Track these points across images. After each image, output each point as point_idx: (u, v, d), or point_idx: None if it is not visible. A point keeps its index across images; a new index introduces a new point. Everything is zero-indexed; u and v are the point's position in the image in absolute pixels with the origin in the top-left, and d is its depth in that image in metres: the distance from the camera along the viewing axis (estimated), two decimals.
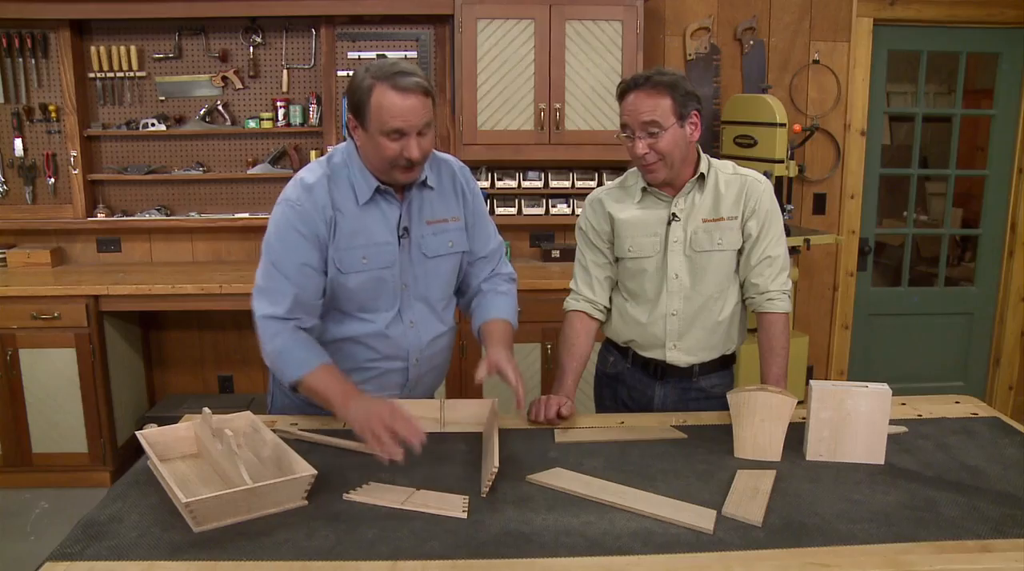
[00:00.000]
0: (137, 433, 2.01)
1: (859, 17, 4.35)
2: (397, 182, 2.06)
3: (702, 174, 2.28)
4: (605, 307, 2.45)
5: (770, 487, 1.85)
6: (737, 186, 2.30)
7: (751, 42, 4.34)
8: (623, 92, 2.20)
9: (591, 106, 4.06)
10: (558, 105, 4.03)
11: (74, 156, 4.23)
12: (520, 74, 4.02)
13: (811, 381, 2.02)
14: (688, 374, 2.40)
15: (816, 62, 4.39)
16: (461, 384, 3.97)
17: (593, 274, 2.43)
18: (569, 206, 4.30)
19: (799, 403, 2.05)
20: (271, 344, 2.06)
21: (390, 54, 4.24)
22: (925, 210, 5.85)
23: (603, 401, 2.62)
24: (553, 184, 4.28)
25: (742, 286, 2.37)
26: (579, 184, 4.27)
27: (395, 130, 1.94)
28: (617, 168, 4.26)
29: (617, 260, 2.40)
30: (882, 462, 1.99)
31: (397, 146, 1.96)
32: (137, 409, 4.35)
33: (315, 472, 1.75)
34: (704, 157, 2.31)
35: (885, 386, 2.00)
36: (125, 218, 4.35)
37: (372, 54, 4.23)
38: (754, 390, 2.02)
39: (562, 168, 4.30)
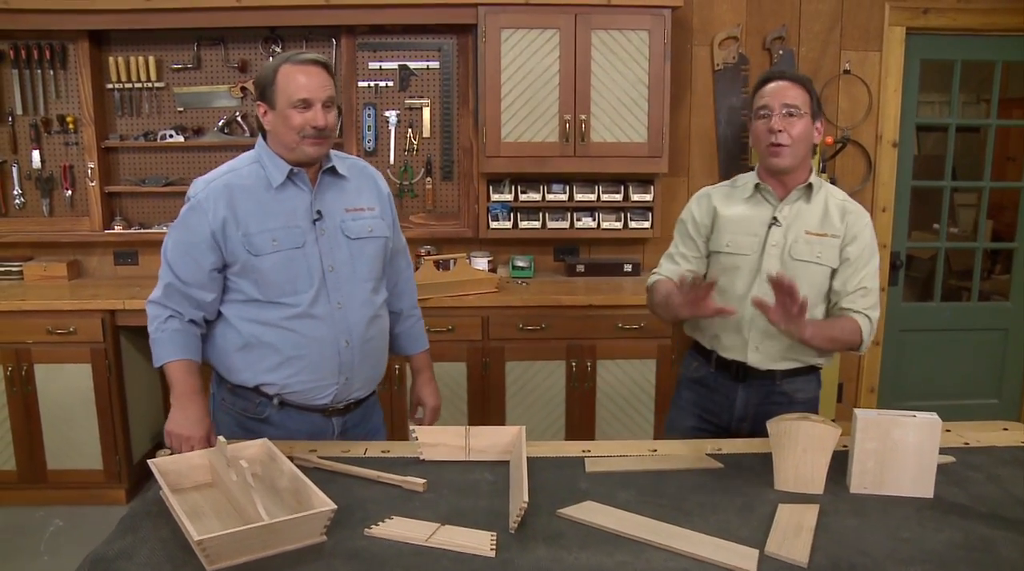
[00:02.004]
0: (149, 462, 1.94)
1: (891, 26, 4.24)
2: (307, 156, 2.15)
3: (810, 184, 2.36)
4: None
5: (814, 523, 1.75)
6: (845, 210, 2.37)
7: (780, 52, 4.24)
8: (765, 81, 2.32)
9: (617, 117, 3.97)
10: (583, 116, 3.95)
11: (91, 168, 4.19)
12: (544, 84, 3.93)
13: (856, 410, 1.92)
14: (771, 377, 2.39)
15: (847, 72, 4.28)
16: (484, 404, 3.88)
17: (681, 265, 2.48)
18: (594, 220, 4.20)
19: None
20: (149, 327, 2.20)
21: (412, 64, 4.17)
22: (954, 222, 5.72)
23: (682, 405, 2.58)
24: (578, 197, 4.18)
25: (830, 310, 2.39)
26: (604, 197, 4.18)
27: (301, 100, 2.09)
28: (644, 181, 4.17)
29: (711, 254, 2.45)
30: (931, 495, 1.89)
31: (303, 117, 2.10)
32: (154, 425, 4.29)
33: (334, 507, 1.67)
34: (815, 172, 2.40)
35: (935, 416, 1.90)
36: (142, 230, 4.30)
37: (394, 64, 4.16)
38: (796, 419, 1.92)
39: (587, 181, 4.20)
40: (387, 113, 4.19)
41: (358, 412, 2.37)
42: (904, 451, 1.88)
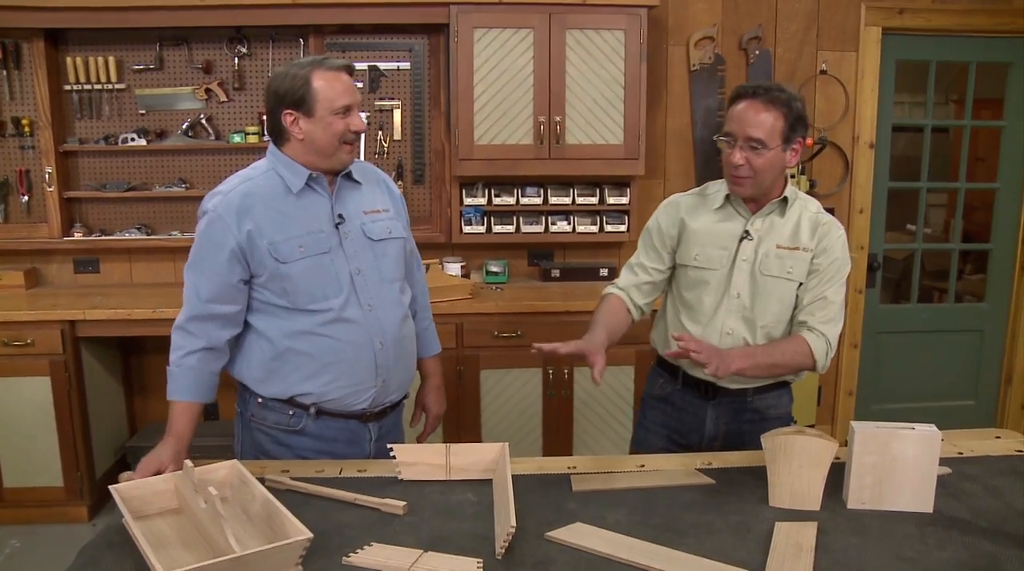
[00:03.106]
0: (111, 488, 1.82)
1: (867, 26, 4.21)
2: (343, 163, 2.16)
3: (785, 198, 2.25)
4: (640, 310, 2.40)
5: (813, 542, 1.69)
6: (817, 222, 2.26)
7: (756, 52, 4.19)
8: (736, 97, 2.17)
9: (593, 119, 3.89)
10: (558, 118, 3.86)
11: (49, 173, 4.02)
12: (518, 86, 3.84)
13: (853, 423, 1.86)
14: (742, 394, 2.30)
15: (824, 72, 4.24)
16: (458, 414, 3.78)
17: (640, 277, 2.39)
18: (569, 223, 4.12)
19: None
20: (171, 356, 2.15)
21: (382, 65, 4.06)
22: (925, 222, 5.71)
23: (648, 425, 2.48)
24: (553, 200, 4.10)
25: (790, 322, 2.29)
26: (580, 200, 4.10)
27: (344, 106, 2.08)
28: (620, 184, 4.10)
29: (678, 267, 2.35)
30: (931, 510, 1.83)
31: (345, 122, 2.09)
32: (117, 439, 4.14)
33: (310, 535, 1.57)
34: (791, 184, 2.28)
35: (934, 428, 1.84)
36: (103, 237, 4.14)
37: (363, 65, 4.05)
38: (791, 433, 1.85)
39: (562, 184, 4.12)
40: None
41: (393, 416, 2.34)
42: (903, 465, 1.82)
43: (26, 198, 4.09)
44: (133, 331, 3.76)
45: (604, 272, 4.21)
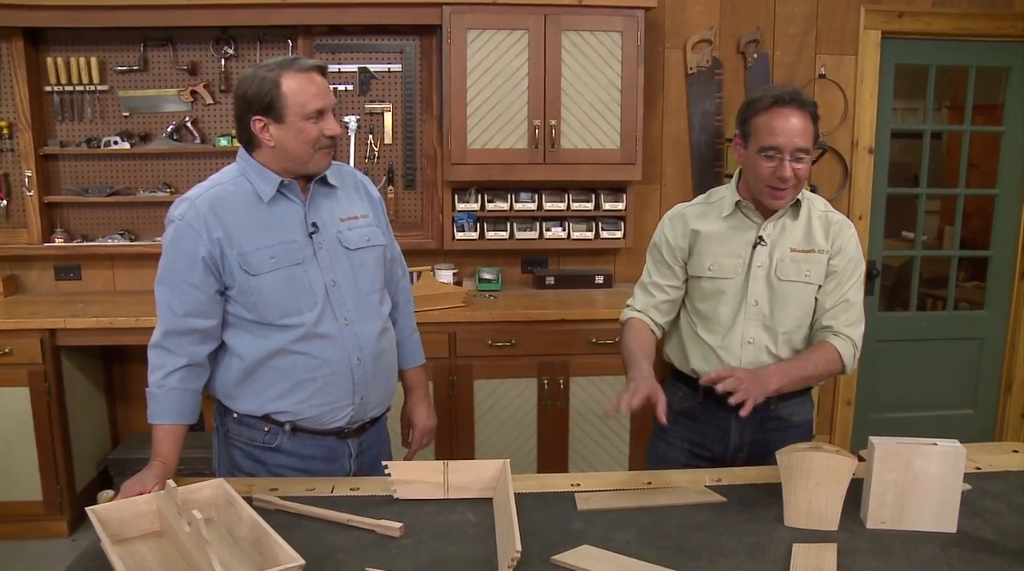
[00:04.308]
0: (88, 510, 1.71)
1: (867, 30, 4.15)
2: (318, 168, 2.04)
3: (797, 200, 2.19)
4: (661, 329, 2.32)
5: (835, 566, 1.60)
6: (828, 221, 2.22)
7: (755, 55, 4.12)
8: (774, 104, 2.06)
9: (588, 123, 3.80)
10: (553, 122, 3.78)
11: (29, 176, 3.90)
12: (513, 88, 3.75)
13: (872, 438, 1.77)
14: (765, 402, 2.17)
15: (822, 76, 4.18)
16: (451, 425, 3.68)
17: (657, 297, 2.29)
18: (564, 229, 4.03)
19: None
20: (149, 376, 2.05)
21: (372, 67, 3.96)
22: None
23: (670, 440, 2.36)
24: (547, 206, 4.00)
25: (812, 328, 2.24)
26: (575, 206, 4.01)
27: (316, 110, 1.96)
28: (616, 189, 4.01)
29: (690, 280, 2.27)
30: (954, 530, 1.74)
31: (318, 127, 1.98)
32: (99, 450, 4.02)
33: (302, 562, 1.47)
34: None
35: (957, 443, 1.75)
36: (85, 243, 4.02)
37: (353, 67, 3.95)
38: (808, 449, 1.76)
39: (557, 189, 4.03)
40: (346, 118, 3.96)
41: (373, 432, 2.22)
42: (926, 482, 1.73)
43: (4, 203, 3.97)
44: (115, 340, 3.65)
45: (600, 279, 4.12)
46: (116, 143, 3.93)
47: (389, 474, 1.90)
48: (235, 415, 2.10)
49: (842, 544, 1.69)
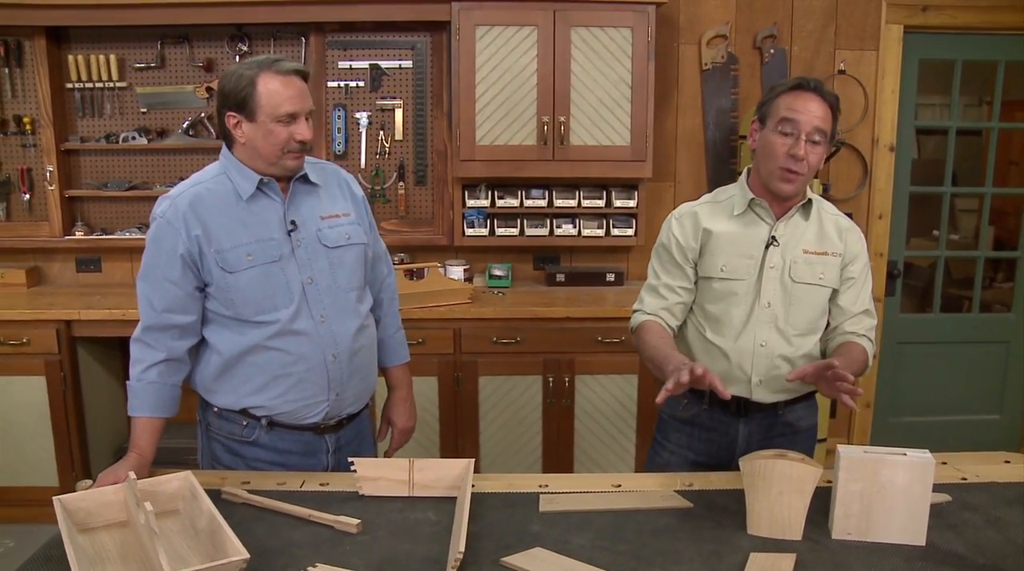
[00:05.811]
0: (54, 499, 1.75)
1: (888, 24, 4.04)
2: (287, 170, 2.05)
3: (809, 200, 2.17)
4: (673, 333, 2.24)
5: None
6: (840, 227, 2.21)
7: (772, 51, 4.05)
8: (798, 87, 2.06)
9: (598, 119, 3.77)
10: (563, 118, 3.75)
11: (50, 171, 3.99)
12: (522, 85, 3.74)
13: (839, 447, 1.73)
14: (773, 408, 2.19)
15: (842, 72, 4.08)
16: (456, 421, 3.69)
17: (669, 299, 2.23)
18: (575, 226, 4.00)
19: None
20: (131, 370, 2.07)
21: (384, 63, 3.98)
22: (955, 228, 5.52)
23: (672, 448, 2.32)
24: (558, 203, 3.98)
25: (827, 332, 2.23)
26: (585, 203, 3.98)
27: (288, 114, 1.97)
28: (628, 186, 3.98)
29: (701, 280, 2.22)
30: (923, 543, 1.69)
31: (288, 131, 1.98)
32: (116, 439, 4.10)
33: (246, 556, 1.48)
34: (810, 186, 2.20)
35: (927, 453, 1.71)
36: (105, 236, 4.10)
37: (365, 63, 3.97)
38: (771, 457, 1.73)
39: (567, 186, 4.00)
40: (358, 114, 4.00)
41: (351, 427, 2.24)
42: (893, 493, 1.69)
43: (27, 196, 4.06)
44: (129, 331, 3.67)
45: (611, 277, 4.09)
46: (134, 139, 4.01)
47: (355, 470, 1.91)
48: (215, 409, 2.13)
49: (802, 555, 1.65)
